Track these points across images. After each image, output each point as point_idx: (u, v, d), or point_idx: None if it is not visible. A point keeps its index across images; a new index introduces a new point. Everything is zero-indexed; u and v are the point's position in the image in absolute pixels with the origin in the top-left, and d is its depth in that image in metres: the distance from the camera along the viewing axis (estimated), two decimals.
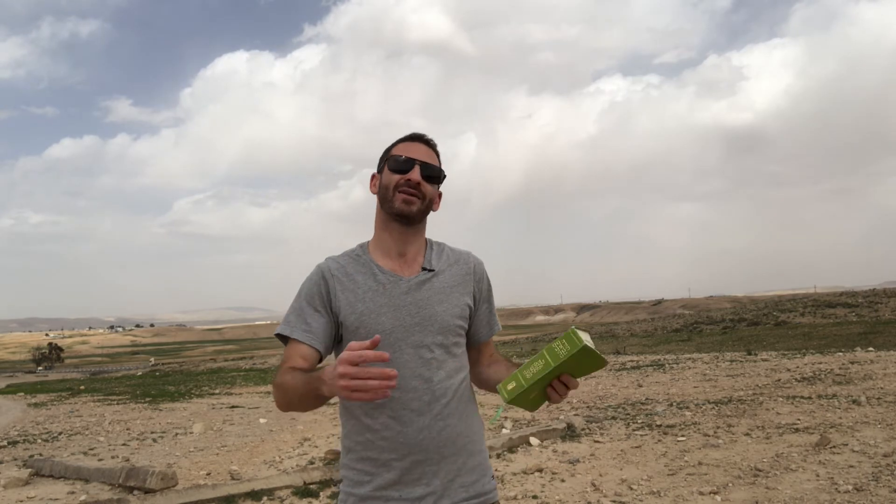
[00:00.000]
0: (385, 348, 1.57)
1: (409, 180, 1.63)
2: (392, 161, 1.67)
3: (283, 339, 1.64)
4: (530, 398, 1.49)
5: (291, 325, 1.63)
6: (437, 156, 1.72)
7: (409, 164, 1.64)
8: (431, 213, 1.73)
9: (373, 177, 1.73)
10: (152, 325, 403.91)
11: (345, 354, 1.28)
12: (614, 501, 4.80)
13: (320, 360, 1.63)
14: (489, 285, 1.77)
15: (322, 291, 1.64)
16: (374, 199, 1.72)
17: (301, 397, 1.49)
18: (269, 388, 20.03)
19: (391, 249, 1.68)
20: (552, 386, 1.46)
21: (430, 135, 1.73)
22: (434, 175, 1.67)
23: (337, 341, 1.66)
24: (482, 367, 1.77)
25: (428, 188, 1.65)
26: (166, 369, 48.75)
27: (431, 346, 1.61)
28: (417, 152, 1.67)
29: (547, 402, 1.53)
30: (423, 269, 1.67)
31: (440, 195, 1.73)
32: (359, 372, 1.26)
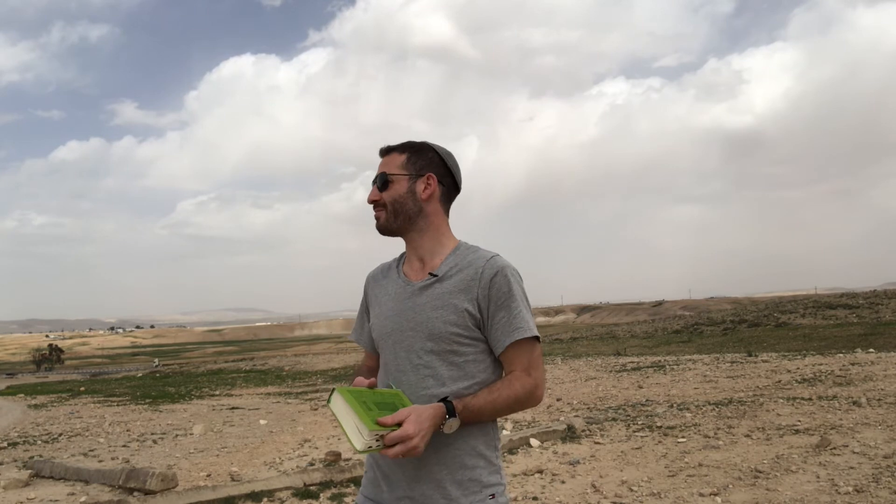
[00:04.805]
0: (384, 350, 1.71)
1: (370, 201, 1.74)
2: None
3: None
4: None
5: (353, 329, 1.88)
6: (403, 151, 1.71)
7: (372, 185, 1.75)
8: (426, 203, 1.69)
9: None
10: (152, 327, 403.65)
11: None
12: (615, 503, 4.80)
13: (378, 360, 1.78)
14: (508, 291, 1.60)
15: (364, 299, 1.84)
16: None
17: None
18: (269, 389, 20.08)
19: (412, 256, 1.75)
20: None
21: (409, 137, 1.82)
22: (384, 180, 1.70)
23: None
24: None
25: (386, 196, 1.70)
26: (166, 370, 48.74)
27: (420, 352, 1.62)
28: (378, 169, 1.75)
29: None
30: (430, 274, 1.67)
31: (429, 178, 1.69)
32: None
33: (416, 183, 1.69)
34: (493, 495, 1.59)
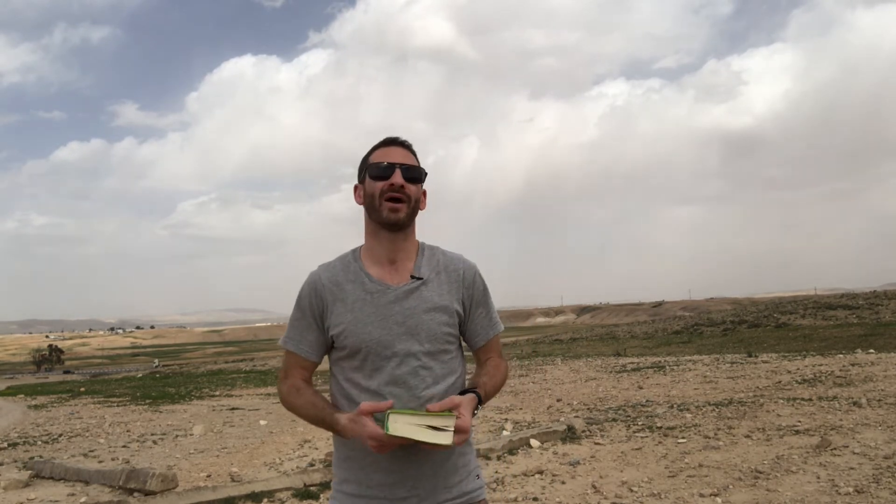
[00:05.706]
0: (372, 357, 1.64)
1: (392, 185, 1.65)
2: (372, 169, 1.68)
3: None
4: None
5: (289, 338, 1.73)
6: (415, 156, 1.73)
7: (389, 169, 1.66)
8: (420, 212, 1.75)
9: (356, 188, 1.75)
10: (152, 327, 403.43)
11: (375, 434, 1.49)
12: (615, 503, 4.80)
13: (316, 367, 1.77)
14: (483, 288, 1.76)
15: (314, 304, 1.70)
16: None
17: (311, 422, 1.71)
18: (269, 389, 20.08)
19: (381, 257, 1.70)
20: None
21: (410, 138, 1.75)
22: (415, 176, 1.68)
23: (331, 347, 1.73)
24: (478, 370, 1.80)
25: (412, 189, 1.67)
26: (166, 371, 48.74)
27: (419, 354, 1.64)
28: (396, 156, 1.68)
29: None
30: (412, 276, 1.68)
31: (425, 193, 1.75)
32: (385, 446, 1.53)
33: (423, 192, 1.75)
34: (478, 475, 1.74)
